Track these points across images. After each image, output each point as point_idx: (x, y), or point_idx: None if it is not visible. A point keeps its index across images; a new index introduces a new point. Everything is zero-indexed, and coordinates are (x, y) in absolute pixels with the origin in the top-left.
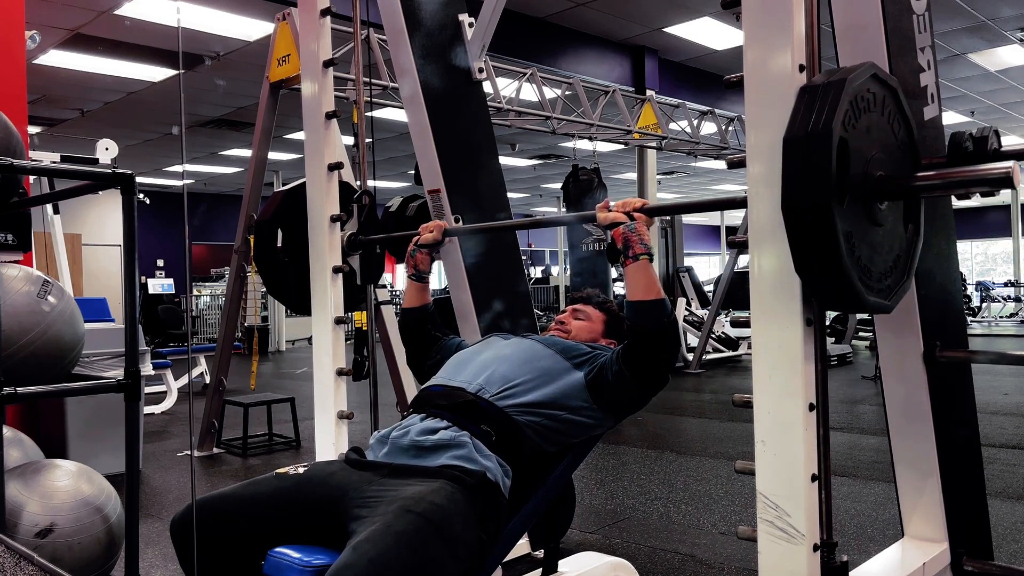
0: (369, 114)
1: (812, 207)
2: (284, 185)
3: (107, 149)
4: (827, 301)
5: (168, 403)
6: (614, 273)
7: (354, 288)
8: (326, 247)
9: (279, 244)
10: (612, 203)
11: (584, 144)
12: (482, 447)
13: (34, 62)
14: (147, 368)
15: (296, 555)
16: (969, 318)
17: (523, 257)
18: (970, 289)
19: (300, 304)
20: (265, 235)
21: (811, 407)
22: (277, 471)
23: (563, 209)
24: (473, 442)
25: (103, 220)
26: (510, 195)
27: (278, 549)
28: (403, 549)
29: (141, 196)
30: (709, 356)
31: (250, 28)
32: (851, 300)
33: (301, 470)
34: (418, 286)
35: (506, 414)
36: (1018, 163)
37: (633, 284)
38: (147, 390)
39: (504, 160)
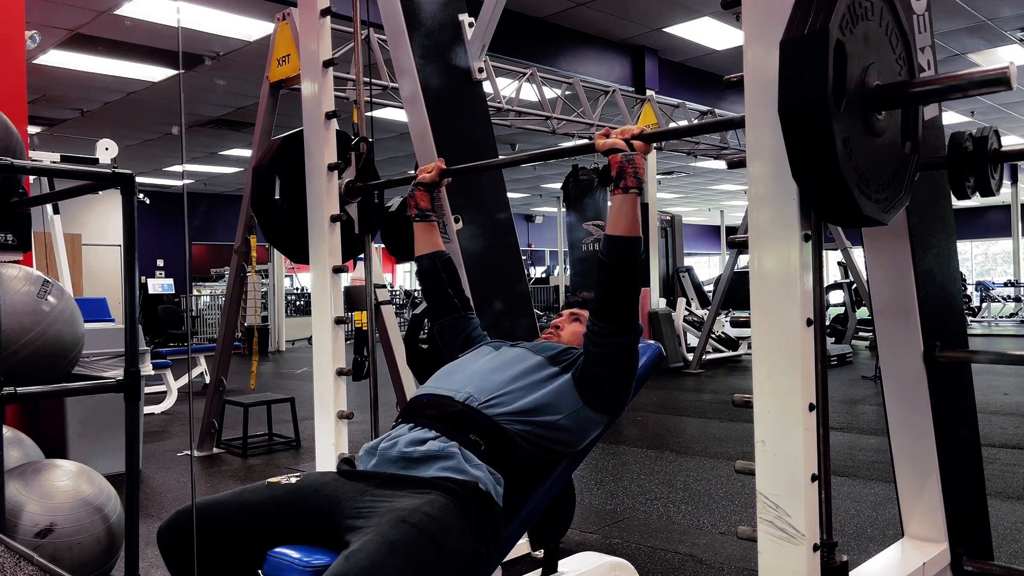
0: (369, 114)
1: (809, 105)
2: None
3: (107, 149)
4: (824, 209)
5: (168, 403)
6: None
7: (352, 238)
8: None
9: (276, 191)
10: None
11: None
12: (472, 457)
13: (34, 62)
14: (147, 368)
15: (295, 555)
16: (969, 318)
17: (523, 257)
18: (970, 289)
19: (298, 252)
20: (263, 182)
21: (811, 407)
22: (269, 480)
23: (563, 209)
24: (462, 452)
25: (103, 220)
26: (510, 195)
27: (277, 549)
28: (397, 559)
29: (141, 196)
30: (709, 356)
31: (250, 28)
32: (848, 207)
33: (293, 480)
34: (424, 226)
35: (496, 423)
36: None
37: (616, 217)
38: (147, 390)
39: None
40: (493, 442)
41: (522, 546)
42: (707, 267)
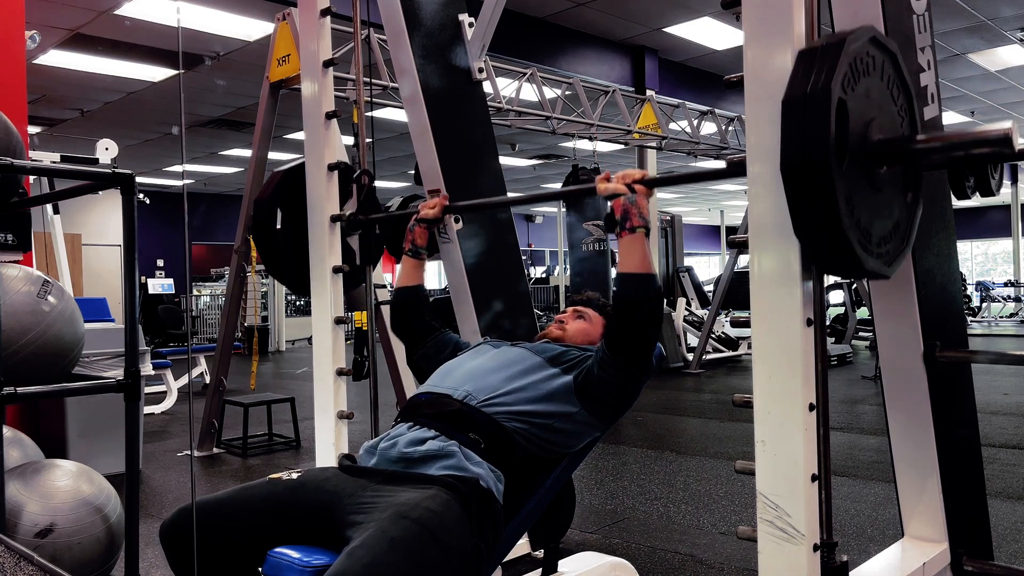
0: (369, 114)
1: (811, 165)
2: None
3: (107, 149)
4: (826, 264)
5: (168, 403)
6: (614, 273)
7: (353, 268)
8: (326, 247)
9: (278, 224)
10: (612, 175)
11: (584, 144)
12: (472, 455)
13: (34, 62)
14: (147, 368)
15: (295, 555)
16: (969, 318)
17: (523, 257)
18: (970, 289)
19: (299, 284)
20: (264, 215)
21: (811, 407)
22: (270, 476)
23: (563, 209)
24: (462, 450)
25: (103, 220)
26: (510, 195)
27: (277, 549)
28: (399, 555)
29: (141, 196)
30: (709, 356)
31: (250, 28)
32: (850, 263)
33: (295, 476)
34: (413, 263)
35: (494, 421)
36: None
37: (626, 256)
38: (147, 390)
39: (504, 160)
40: (492, 440)
41: (522, 546)
42: (707, 267)
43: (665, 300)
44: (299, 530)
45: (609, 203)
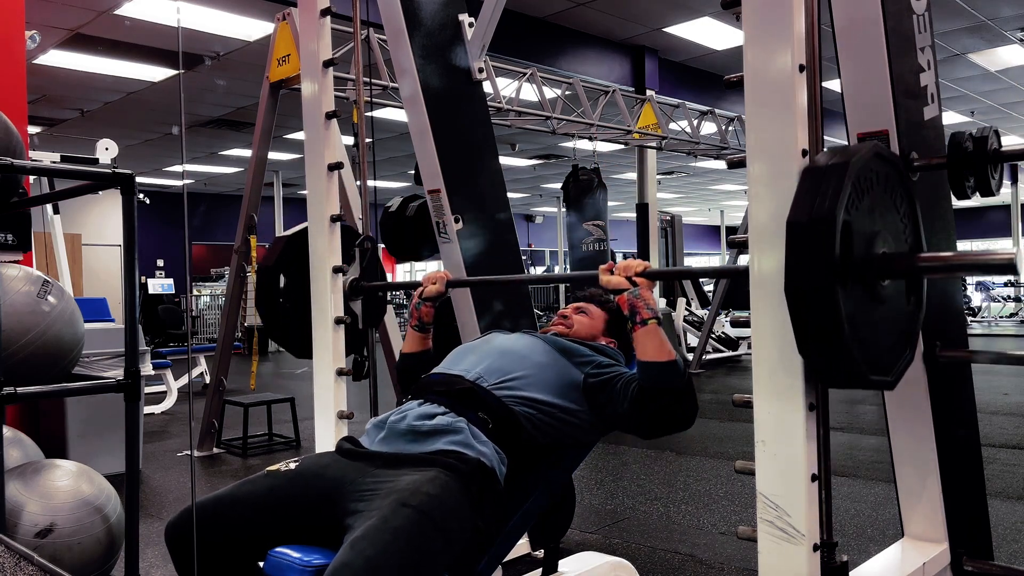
0: (369, 114)
1: (815, 290)
2: (284, 186)
3: (107, 149)
4: (830, 380)
5: (168, 403)
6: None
7: (356, 332)
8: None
9: (281, 289)
10: (614, 266)
11: (584, 144)
12: (479, 434)
13: (34, 62)
14: (147, 368)
15: (296, 555)
16: (969, 318)
17: (523, 257)
18: (970, 289)
19: (301, 349)
20: (267, 280)
21: (811, 407)
22: (268, 469)
23: (563, 209)
24: (470, 428)
25: (103, 220)
26: (510, 195)
27: (278, 549)
28: (401, 545)
29: (141, 196)
30: (709, 356)
31: (250, 28)
32: (854, 379)
33: (292, 466)
34: (420, 336)
35: (503, 403)
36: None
37: (643, 347)
38: (147, 390)
39: (504, 160)
40: (500, 422)
41: (522, 546)
42: None
43: (665, 300)
44: (302, 523)
45: (615, 297)
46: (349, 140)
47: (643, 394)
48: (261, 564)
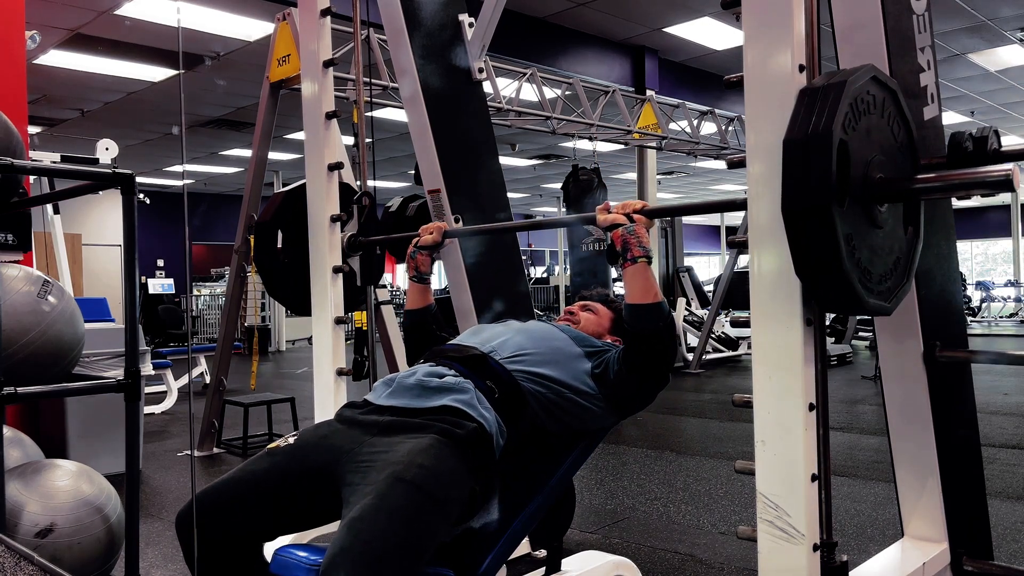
0: (369, 114)
1: (812, 209)
2: (284, 185)
3: (107, 149)
4: (828, 303)
5: (168, 403)
6: (614, 273)
7: (354, 289)
8: (326, 247)
9: (279, 245)
10: (612, 204)
11: (584, 144)
12: (484, 399)
13: (34, 62)
14: (147, 368)
15: (302, 554)
16: (969, 318)
17: (523, 257)
18: (970, 289)
19: (300, 305)
20: (265, 236)
21: (811, 407)
22: (268, 447)
23: (563, 209)
24: (476, 393)
25: (103, 220)
26: (510, 195)
27: (285, 547)
28: (398, 525)
29: (141, 196)
30: (709, 356)
31: (250, 28)
32: (852, 302)
33: (292, 440)
34: (420, 287)
35: (513, 377)
36: (1018, 164)
37: (631, 286)
38: (147, 390)
39: (504, 160)
40: (507, 394)
41: (523, 546)
42: (707, 267)
43: (666, 300)
44: (305, 501)
45: (609, 234)
46: (349, 140)
47: (629, 337)
48: (268, 554)
